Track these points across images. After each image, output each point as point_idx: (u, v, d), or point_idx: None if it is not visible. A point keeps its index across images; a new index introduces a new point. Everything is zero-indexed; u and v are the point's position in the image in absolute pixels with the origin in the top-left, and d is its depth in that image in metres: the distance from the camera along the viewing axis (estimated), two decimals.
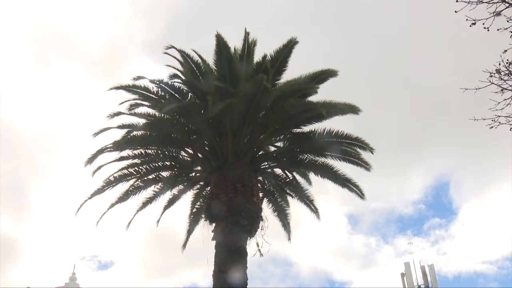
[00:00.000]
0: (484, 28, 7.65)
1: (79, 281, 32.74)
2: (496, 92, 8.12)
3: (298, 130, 15.86)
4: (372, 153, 15.82)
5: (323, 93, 15.11)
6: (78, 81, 73.32)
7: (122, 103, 15.26)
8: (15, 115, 70.12)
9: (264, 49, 15.19)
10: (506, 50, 7.81)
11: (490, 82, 8.06)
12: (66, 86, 74.78)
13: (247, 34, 15.16)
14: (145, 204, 17.05)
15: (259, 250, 15.30)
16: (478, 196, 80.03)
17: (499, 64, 7.99)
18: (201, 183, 16.86)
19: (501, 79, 8.08)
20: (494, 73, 8.06)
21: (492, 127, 8.15)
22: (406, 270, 39.27)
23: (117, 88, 15.35)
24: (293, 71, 15.85)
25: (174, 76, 15.36)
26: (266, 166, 16.66)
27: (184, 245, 18.36)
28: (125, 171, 16.31)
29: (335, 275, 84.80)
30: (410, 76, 69.43)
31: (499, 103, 8.07)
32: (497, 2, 7.66)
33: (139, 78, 15.28)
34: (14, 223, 70.76)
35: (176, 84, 15.57)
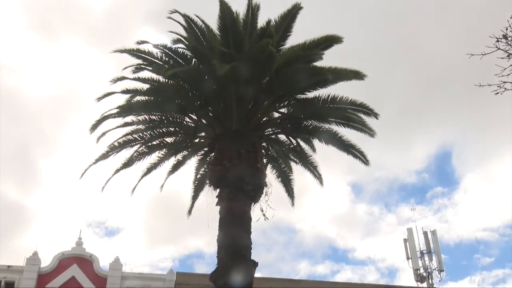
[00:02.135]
0: None
1: (85, 246, 33.10)
2: (502, 58, 8.05)
3: (303, 96, 15.81)
4: (376, 118, 15.80)
5: (327, 61, 15.00)
6: (81, 49, 72.93)
7: (126, 67, 15.21)
8: (19, 83, 70.04)
9: (268, 15, 15.04)
10: None
11: (497, 47, 7.99)
12: (69, 54, 74.40)
13: None
14: (150, 169, 17.16)
15: (264, 215, 15.43)
16: (481, 165, 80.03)
17: (506, 29, 7.91)
18: (205, 149, 16.91)
19: (508, 44, 8.00)
20: (501, 38, 7.99)
21: (497, 93, 8.10)
22: (409, 235, 39.60)
23: (121, 51, 15.28)
24: (297, 38, 15.72)
25: (178, 41, 15.24)
26: (270, 132, 16.68)
27: (190, 211, 18.54)
28: (129, 137, 16.37)
29: (338, 242, 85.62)
30: (414, 44, 68.81)
31: (505, 68, 8.02)
32: None
33: (142, 42, 15.20)
34: (21, 191, 71.34)
35: (180, 49, 15.49)
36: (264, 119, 16.17)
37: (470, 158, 78.31)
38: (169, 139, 16.74)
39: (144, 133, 16.39)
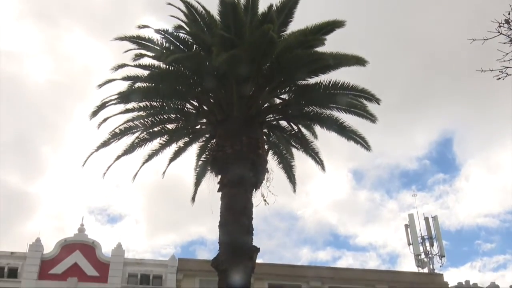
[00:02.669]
0: None
1: (87, 232, 33.24)
2: (504, 43, 8.00)
3: (304, 82, 15.76)
4: (378, 104, 15.75)
5: (329, 47, 14.93)
6: (81, 37, 72.75)
7: (126, 51, 15.16)
8: (19, 70, 69.92)
9: (269, 1, 14.95)
10: None
11: (499, 32, 7.93)
12: (69, 42, 74.24)
13: None
14: (151, 156, 17.17)
15: (265, 200, 15.45)
16: (482, 151, 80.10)
17: (509, 14, 7.84)
18: (207, 135, 16.90)
19: (510, 29, 7.94)
20: (503, 23, 7.93)
21: (499, 78, 8.05)
22: (410, 221, 39.71)
23: (121, 38, 15.22)
24: (299, 24, 15.63)
25: (179, 27, 15.17)
26: (272, 118, 16.65)
27: (193, 198, 18.58)
28: (131, 123, 16.36)
29: (339, 229, 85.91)
30: (416, 30, 68.54)
31: (507, 54, 7.96)
32: None
33: (144, 26, 15.13)
34: (24, 178, 71.53)
35: (180, 35, 15.42)
36: (265, 105, 16.13)
37: (471, 145, 78.36)
38: (170, 126, 16.74)
39: (145, 119, 16.37)
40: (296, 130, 16.83)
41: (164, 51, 15.19)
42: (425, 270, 38.07)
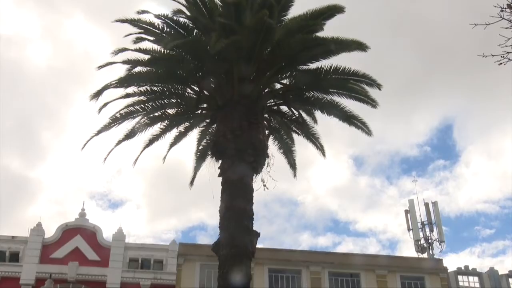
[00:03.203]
0: None
1: (89, 217, 33.35)
2: (506, 28, 7.95)
3: (305, 67, 15.72)
4: (379, 89, 15.72)
5: (329, 33, 14.88)
6: (81, 22, 72.43)
7: (127, 35, 15.10)
8: (20, 55, 69.74)
9: None
10: None
11: (501, 17, 7.88)
12: (70, 27, 73.96)
13: None
14: (152, 141, 17.17)
15: (264, 185, 15.47)
16: (482, 137, 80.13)
17: None
18: (207, 120, 16.89)
19: None
20: (505, 8, 7.87)
21: (501, 63, 8.01)
22: (410, 207, 39.78)
23: (122, 21, 15.17)
24: (299, 8, 15.55)
25: (179, 11, 15.11)
26: (272, 103, 16.63)
27: (192, 182, 18.60)
28: (131, 108, 16.34)
29: (340, 215, 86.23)
30: (417, 15, 68.17)
31: (509, 39, 7.92)
32: None
33: (143, 12, 15.08)
34: (25, 163, 71.68)
35: (181, 20, 15.35)
36: (266, 90, 16.10)
37: (472, 131, 78.35)
38: (170, 111, 16.72)
39: (146, 104, 16.34)
40: (297, 115, 16.82)
41: (165, 35, 15.14)
42: (425, 256, 38.24)
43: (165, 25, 15.33)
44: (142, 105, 16.35)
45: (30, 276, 29.73)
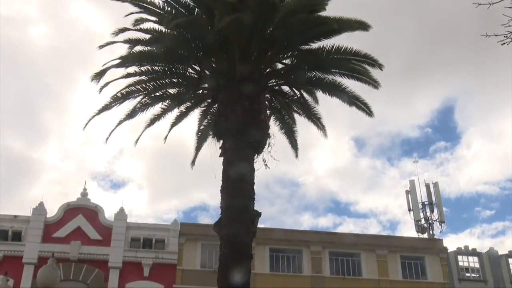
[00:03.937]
0: None
1: (90, 197, 33.52)
2: (510, 7, 7.88)
3: (306, 47, 15.64)
4: (381, 69, 15.65)
5: (331, 12, 14.76)
6: (82, 2, 72.04)
7: (128, 14, 15.00)
8: (22, 36, 69.46)
9: None
10: None
11: None
12: (70, 8, 73.56)
13: None
14: (153, 121, 17.16)
15: (266, 164, 15.49)
16: (484, 119, 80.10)
17: None
18: (209, 100, 16.86)
19: None
20: None
21: (504, 43, 7.97)
22: (411, 187, 39.92)
23: (122, 0, 15.04)
24: None
25: None
26: (274, 83, 16.57)
27: (193, 162, 18.64)
28: (132, 88, 16.29)
29: (341, 196, 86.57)
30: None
31: None
32: None
33: None
34: (27, 143, 71.86)
35: None
36: (267, 70, 16.04)
37: (473, 113, 78.29)
38: (172, 91, 16.67)
39: (147, 84, 16.30)
40: (299, 96, 16.79)
41: (166, 14, 15.04)
42: (425, 236, 38.46)
43: (166, 4, 15.22)
44: (143, 85, 16.30)
45: (32, 255, 30.02)
